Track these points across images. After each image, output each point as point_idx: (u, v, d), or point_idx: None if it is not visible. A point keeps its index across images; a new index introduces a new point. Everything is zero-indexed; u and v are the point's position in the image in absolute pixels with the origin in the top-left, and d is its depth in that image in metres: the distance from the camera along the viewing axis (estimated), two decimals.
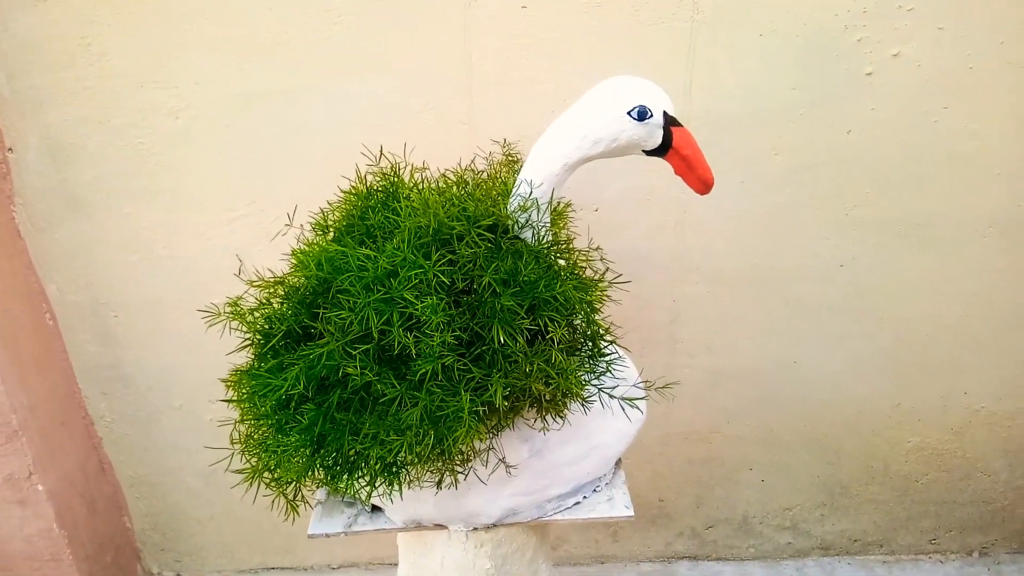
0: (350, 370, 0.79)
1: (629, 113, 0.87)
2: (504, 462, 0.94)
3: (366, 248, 0.85)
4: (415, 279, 0.79)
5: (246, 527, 1.77)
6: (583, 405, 0.87)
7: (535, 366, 0.81)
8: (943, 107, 1.32)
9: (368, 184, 1.01)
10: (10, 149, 1.36)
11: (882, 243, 1.45)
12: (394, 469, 0.85)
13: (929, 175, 1.38)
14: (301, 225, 1.01)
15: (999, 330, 1.54)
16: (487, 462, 0.92)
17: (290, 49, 1.27)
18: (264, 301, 0.91)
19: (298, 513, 0.89)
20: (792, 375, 1.60)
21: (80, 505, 1.61)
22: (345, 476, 0.86)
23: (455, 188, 0.98)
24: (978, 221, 1.43)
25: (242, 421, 0.90)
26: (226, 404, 0.90)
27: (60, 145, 1.35)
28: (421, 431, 0.79)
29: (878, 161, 1.37)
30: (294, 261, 0.91)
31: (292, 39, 1.27)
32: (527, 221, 0.89)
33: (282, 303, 0.90)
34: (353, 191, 1.00)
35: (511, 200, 0.90)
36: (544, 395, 0.86)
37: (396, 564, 1.18)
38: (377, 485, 0.85)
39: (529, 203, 0.89)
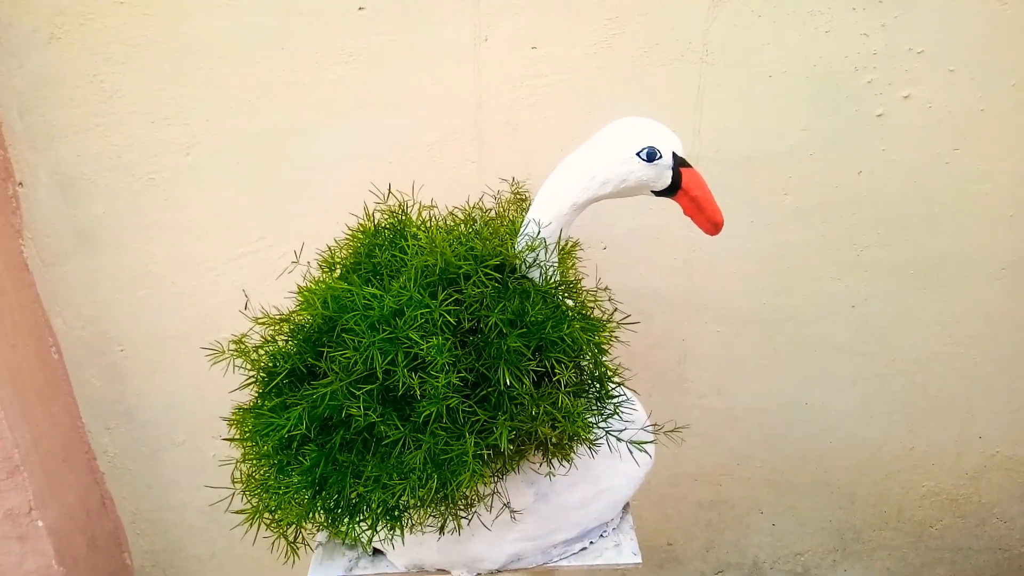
0: (353, 411, 0.78)
1: (638, 154, 0.87)
2: (509, 507, 0.92)
3: (372, 287, 0.85)
4: (421, 319, 0.79)
5: (247, 566, 1.74)
6: (590, 448, 0.86)
7: (542, 409, 0.80)
8: (954, 149, 1.31)
9: (376, 222, 1.01)
10: (20, 184, 1.36)
11: (893, 284, 1.44)
12: (396, 513, 0.83)
13: (941, 216, 1.37)
14: (308, 262, 1.01)
15: (1013, 373, 1.52)
16: (491, 506, 0.90)
17: (300, 87, 1.28)
18: (269, 338, 0.91)
19: (298, 555, 0.87)
20: (803, 416, 1.58)
21: (80, 541, 1.59)
22: (346, 519, 0.84)
23: (463, 226, 0.97)
24: (990, 263, 1.41)
25: (244, 460, 0.89)
26: (229, 442, 0.89)
27: (70, 180, 1.35)
28: (424, 474, 0.77)
29: (889, 202, 1.36)
30: (300, 299, 0.91)
31: (303, 77, 1.28)
32: (535, 261, 0.88)
33: (287, 341, 0.89)
34: (361, 228, 1.00)
35: (519, 239, 0.90)
36: (551, 439, 0.84)
37: None
38: (379, 529, 0.84)
39: (537, 242, 0.88)
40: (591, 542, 1.05)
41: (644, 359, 1.49)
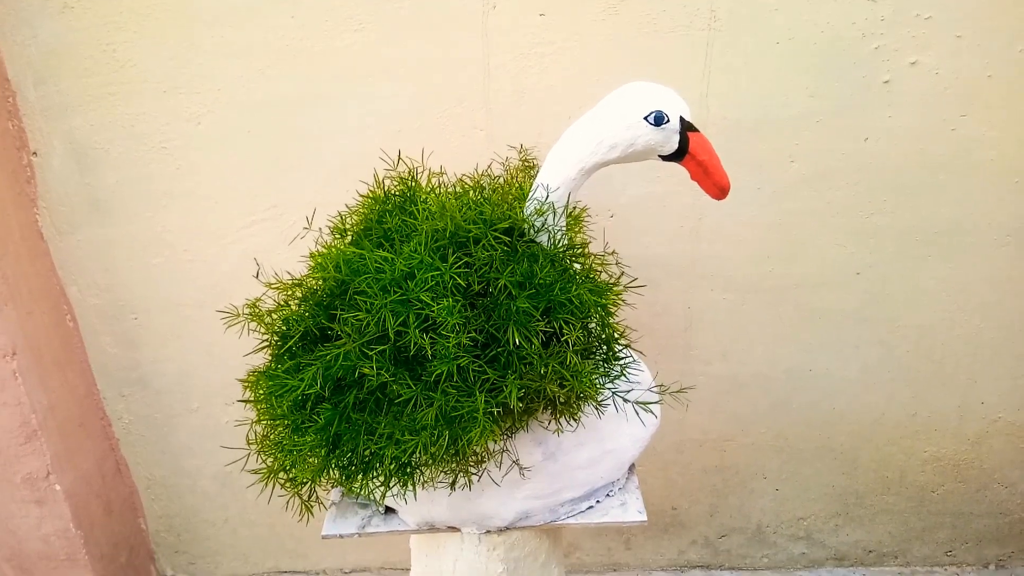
0: (366, 371, 0.80)
1: (646, 118, 0.87)
2: (518, 464, 0.94)
3: (383, 251, 0.86)
4: (431, 281, 0.80)
5: (260, 530, 1.78)
6: (597, 408, 0.88)
7: (550, 368, 0.81)
8: (961, 115, 1.32)
9: (386, 188, 1.02)
10: (35, 153, 1.38)
11: (899, 251, 1.44)
12: (408, 469, 0.85)
13: (946, 183, 1.38)
14: (319, 228, 1.02)
15: (1017, 340, 1.53)
16: (501, 464, 0.93)
17: (311, 56, 1.29)
18: (282, 303, 0.92)
19: (312, 513, 0.90)
20: (807, 383, 1.60)
21: (96, 506, 1.63)
22: (360, 476, 0.86)
23: (472, 192, 0.99)
24: (996, 230, 1.42)
25: (259, 422, 0.91)
26: (243, 405, 0.92)
27: (84, 149, 1.37)
28: (436, 431, 0.79)
29: (895, 169, 1.37)
30: (312, 263, 0.92)
31: (313, 46, 1.28)
32: (543, 225, 0.89)
33: (300, 305, 0.91)
34: (371, 195, 1.01)
35: (527, 204, 0.91)
36: (559, 397, 0.86)
37: (408, 569, 1.19)
38: (391, 485, 0.86)
39: (545, 207, 0.89)
40: (597, 501, 1.07)
41: (650, 326, 1.51)
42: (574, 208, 0.99)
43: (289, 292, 0.93)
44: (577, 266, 0.91)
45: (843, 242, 1.44)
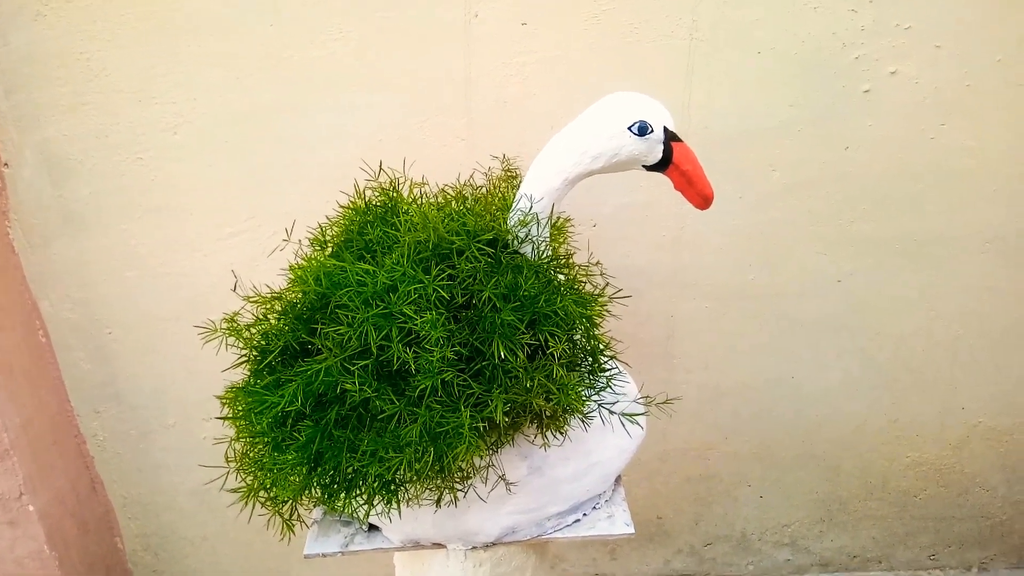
0: (348, 386, 0.78)
1: (630, 128, 0.87)
2: (504, 479, 0.93)
3: (365, 263, 0.85)
4: (414, 294, 0.79)
5: (240, 548, 1.75)
6: (583, 421, 0.87)
7: (536, 381, 0.80)
8: (940, 124, 1.33)
9: (367, 199, 1.01)
10: (6, 164, 1.35)
11: (879, 259, 1.45)
12: (392, 487, 0.84)
13: (926, 192, 1.39)
14: (299, 240, 1.01)
15: (996, 346, 1.54)
16: (486, 479, 0.91)
17: (289, 65, 1.27)
18: (261, 317, 0.90)
19: (294, 532, 0.88)
20: (789, 391, 1.60)
21: (71, 525, 1.59)
22: (343, 494, 0.85)
23: (454, 203, 0.98)
24: (975, 238, 1.43)
25: (238, 439, 0.89)
26: (221, 422, 0.90)
27: (57, 160, 1.34)
28: (420, 448, 0.78)
29: (875, 178, 1.38)
30: (292, 276, 0.91)
31: (292, 55, 1.27)
32: (527, 236, 0.89)
33: (279, 319, 0.89)
34: (352, 206, 1.00)
35: (511, 214, 0.90)
36: (545, 411, 0.85)
37: None
38: (375, 503, 0.84)
39: (529, 218, 0.88)
40: (584, 514, 1.06)
41: (633, 336, 1.50)
42: (558, 218, 0.98)
43: (268, 305, 0.91)
44: (561, 277, 0.90)
45: (824, 251, 1.44)
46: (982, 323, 1.52)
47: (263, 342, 0.88)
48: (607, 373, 0.90)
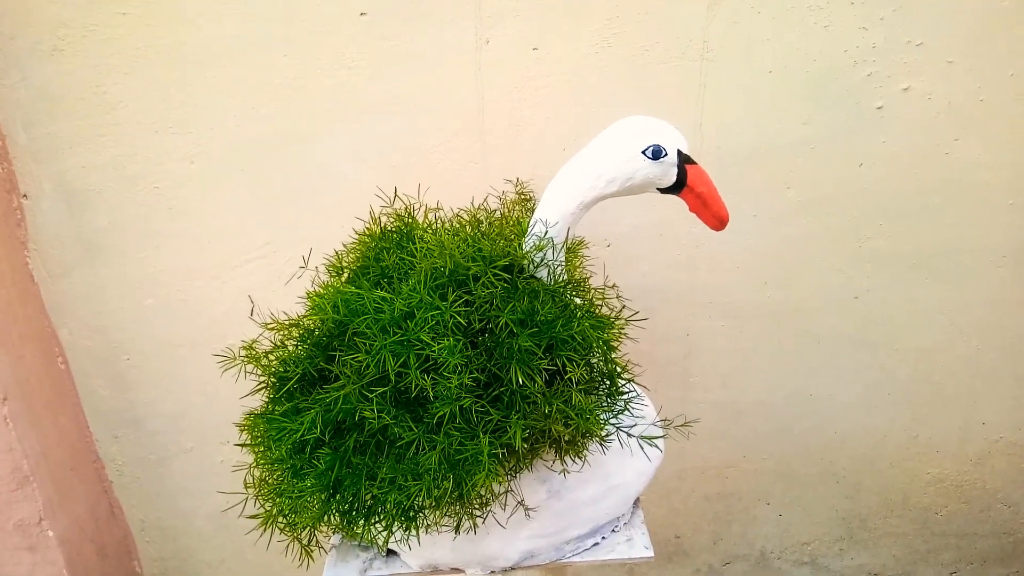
0: (367, 413, 0.79)
1: (644, 152, 0.87)
2: (522, 504, 0.93)
3: (382, 290, 0.85)
4: (432, 320, 0.79)
5: (257, 572, 1.75)
6: (602, 445, 0.87)
7: (555, 407, 0.80)
8: (954, 139, 1.32)
9: (382, 225, 1.01)
10: (25, 195, 1.37)
11: (896, 275, 1.44)
12: (411, 514, 0.84)
13: (942, 207, 1.38)
14: (316, 267, 1.01)
15: (1016, 360, 1.53)
16: (505, 504, 0.91)
17: (304, 93, 1.29)
18: (279, 344, 0.91)
19: (312, 558, 0.88)
20: (807, 408, 1.59)
21: (90, 551, 1.59)
22: (361, 521, 0.85)
23: (469, 228, 0.98)
24: (991, 251, 1.42)
25: (256, 465, 0.89)
26: (239, 448, 0.90)
27: (75, 191, 1.36)
28: (439, 475, 0.78)
29: (890, 194, 1.37)
30: (309, 304, 0.91)
31: (306, 83, 1.28)
32: (543, 260, 0.89)
33: (297, 346, 0.90)
34: (367, 232, 1.01)
35: (527, 239, 0.90)
36: (564, 436, 0.85)
37: None
38: (394, 530, 0.84)
39: (544, 242, 0.89)
40: (603, 537, 1.05)
41: (649, 355, 1.50)
42: (572, 242, 0.98)
43: (286, 332, 0.92)
44: (578, 301, 0.90)
45: (841, 267, 1.44)
46: (1002, 337, 1.50)
47: (281, 369, 0.88)
48: (625, 396, 0.89)
